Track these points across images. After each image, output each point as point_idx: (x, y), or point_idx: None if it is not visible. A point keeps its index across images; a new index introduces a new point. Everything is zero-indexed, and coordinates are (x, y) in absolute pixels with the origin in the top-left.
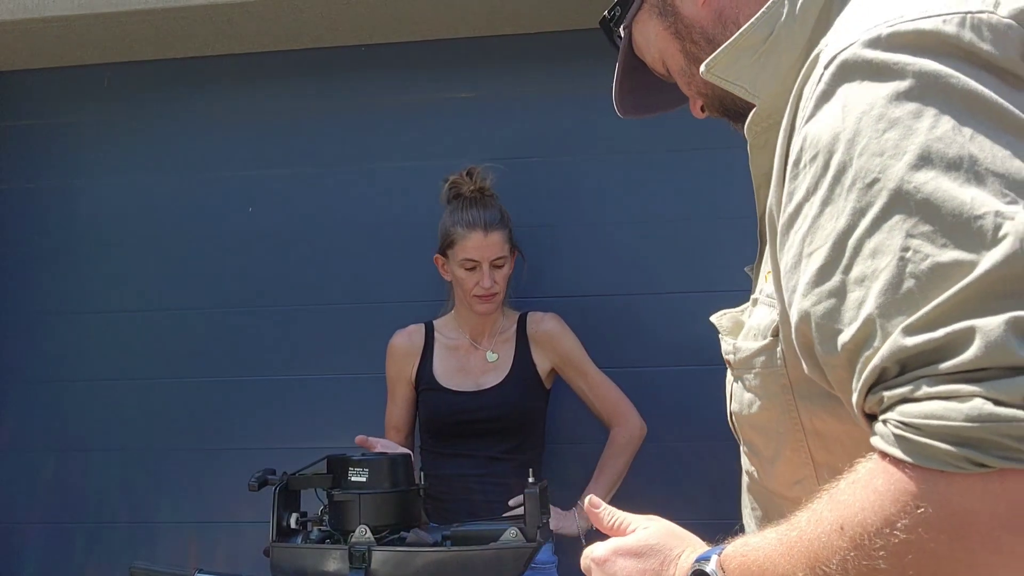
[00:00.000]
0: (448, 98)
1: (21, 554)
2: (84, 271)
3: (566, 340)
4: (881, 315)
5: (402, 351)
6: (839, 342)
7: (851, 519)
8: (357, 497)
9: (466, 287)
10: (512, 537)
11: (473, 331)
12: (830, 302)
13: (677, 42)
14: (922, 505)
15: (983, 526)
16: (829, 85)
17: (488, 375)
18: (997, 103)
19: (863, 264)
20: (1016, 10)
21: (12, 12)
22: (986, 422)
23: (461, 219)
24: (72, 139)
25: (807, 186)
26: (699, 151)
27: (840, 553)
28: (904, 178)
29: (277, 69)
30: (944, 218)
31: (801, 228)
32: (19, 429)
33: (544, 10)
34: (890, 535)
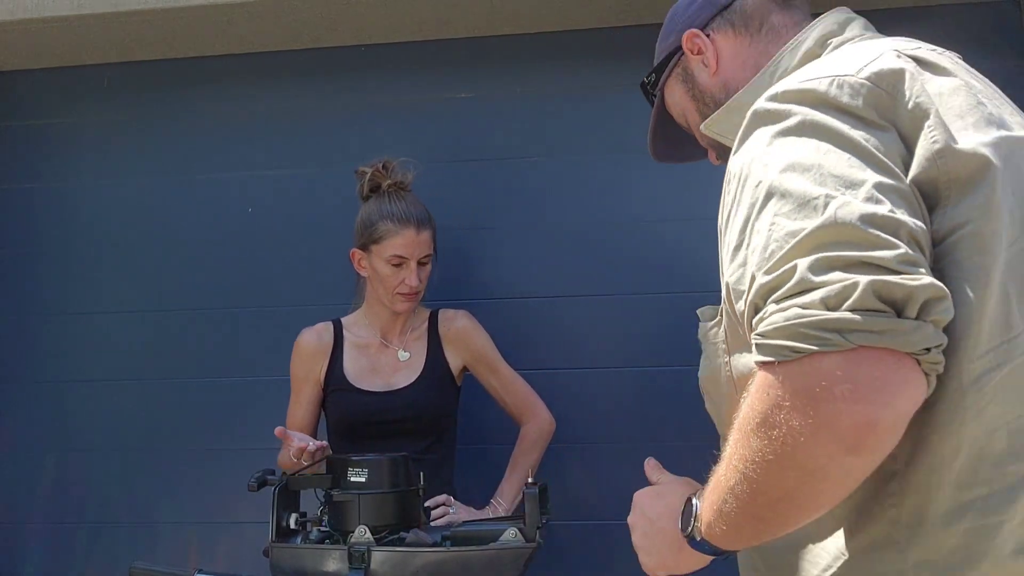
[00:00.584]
0: (448, 98)
1: (21, 554)
2: (84, 271)
3: (478, 337)
4: (755, 271)
5: (311, 350)
6: (742, 299)
7: (741, 419)
8: (356, 497)
9: (389, 284)
10: (512, 537)
11: (384, 329)
12: (739, 272)
13: (694, 103)
14: (766, 388)
15: (794, 397)
16: (745, 128)
17: (400, 374)
18: (846, 134)
19: (751, 240)
20: (871, 73)
21: (12, 12)
22: (794, 320)
23: (391, 214)
24: (72, 139)
25: (730, 199)
26: None
27: (739, 449)
28: (774, 178)
29: (277, 69)
30: (795, 201)
31: (729, 227)
32: (19, 429)
33: (544, 10)
34: (747, 423)
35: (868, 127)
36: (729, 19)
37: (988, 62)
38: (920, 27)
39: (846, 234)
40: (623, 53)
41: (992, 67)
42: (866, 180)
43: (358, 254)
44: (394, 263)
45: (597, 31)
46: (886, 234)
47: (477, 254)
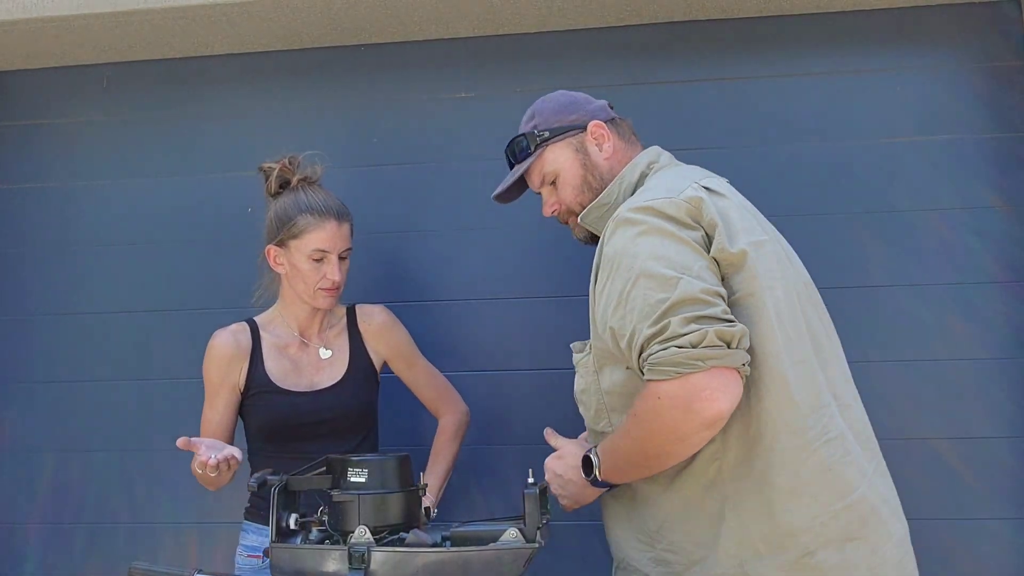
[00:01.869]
0: (448, 98)
1: (21, 554)
2: (84, 271)
3: (398, 332)
4: (637, 323)
5: (228, 353)
6: (625, 339)
7: (638, 406)
8: (356, 498)
9: (310, 280)
10: (512, 538)
11: (302, 327)
12: (620, 321)
13: (582, 171)
14: (658, 394)
15: (677, 399)
16: (613, 227)
17: (323, 373)
18: (676, 234)
19: (629, 302)
20: (687, 196)
21: (12, 12)
22: (676, 354)
23: (310, 207)
24: (72, 139)
25: (606, 274)
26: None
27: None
28: (640, 265)
29: (277, 69)
30: (656, 280)
31: (606, 290)
32: (19, 429)
33: (544, 10)
34: (644, 414)
35: (688, 229)
36: (617, 126)
37: (988, 62)
38: (920, 27)
39: (691, 300)
40: (623, 53)
41: (992, 67)
42: (694, 264)
43: (274, 251)
44: (315, 258)
45: (597, 31)
46: (711, 297)
47: (477, 254)
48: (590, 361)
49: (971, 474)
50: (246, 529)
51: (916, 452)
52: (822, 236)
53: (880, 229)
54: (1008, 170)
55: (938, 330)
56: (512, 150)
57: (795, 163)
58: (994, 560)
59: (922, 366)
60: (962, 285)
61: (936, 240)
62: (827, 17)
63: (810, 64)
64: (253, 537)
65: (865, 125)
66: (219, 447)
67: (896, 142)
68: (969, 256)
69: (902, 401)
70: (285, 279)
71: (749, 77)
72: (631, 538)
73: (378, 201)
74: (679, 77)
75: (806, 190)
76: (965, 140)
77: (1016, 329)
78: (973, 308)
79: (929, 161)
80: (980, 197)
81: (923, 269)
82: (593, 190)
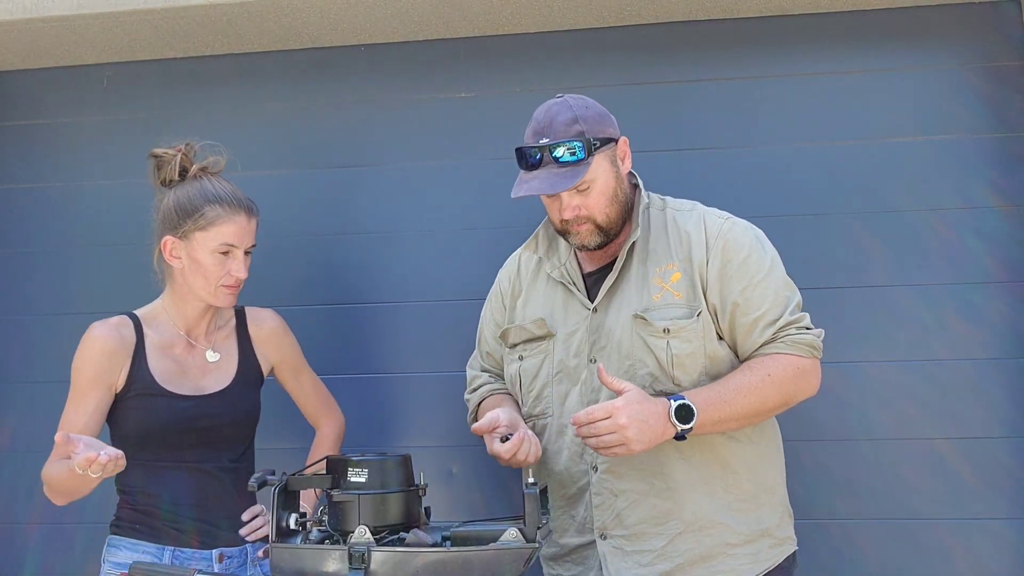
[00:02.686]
0: (448, 98)
1: (21, 554)
2: (84, 271)
3: (288, 338)
4: (772, 308)
5: (109, 348)
6: (751, 316)
7: (774, 371)
8: (356, 498)
9: (213, 275)
10: (512, 538)
11: (190, 327)
12: (750, 301)
13: (614, 183)
14: (798, 365)
15: (810, 370)
16: (720, 223)
17: (210, 376)
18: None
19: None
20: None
21: (12, 12)
22: (812, 341)
23: (219, 198)
24: (72, 139)
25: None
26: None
27: (753, 387)
28: (771, 262)
29: (277, 69)
30: (786, 281)
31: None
32: (19, 429)
33: (544, 10)
34: (784, 375)
35: None
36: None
37: (988, 62)
38: (920, 27)
39: (801, 305)
40: (623, 53)
41: (992, 67)
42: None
43: (171, 242)
44: (222, 251)
45: (597, 31)
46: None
47: (477, 253)
48: (699, 328)
49: (971, 474)
50: (116, 545)
51: (916, 452)
52: (822, 236)
53: (880, 229)
54: (1008, 170)
55: (938, 330)
56: (562, 153)
57: (795, 163)
58: (994, 560)
59: (922, 366)
60: (962, 285)
61: (936, 240)
62: (827, 17)
63: (810, 64)
64: (126, 553)
65: (865, 125)
66: (99, 446)
67: (896, 142)
68: (969, 256)
69: (902, 401)
70: (179, 273)
71: (749, 77)
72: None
73: (378, 201)
74: (679, 77)
75: (806, 190)
76: (965, 140)
77: (1016, 329)
78: (973, 308)
79: (929, 161)
80: (980, 197)
81: (923, 269)
82: (619, 203)
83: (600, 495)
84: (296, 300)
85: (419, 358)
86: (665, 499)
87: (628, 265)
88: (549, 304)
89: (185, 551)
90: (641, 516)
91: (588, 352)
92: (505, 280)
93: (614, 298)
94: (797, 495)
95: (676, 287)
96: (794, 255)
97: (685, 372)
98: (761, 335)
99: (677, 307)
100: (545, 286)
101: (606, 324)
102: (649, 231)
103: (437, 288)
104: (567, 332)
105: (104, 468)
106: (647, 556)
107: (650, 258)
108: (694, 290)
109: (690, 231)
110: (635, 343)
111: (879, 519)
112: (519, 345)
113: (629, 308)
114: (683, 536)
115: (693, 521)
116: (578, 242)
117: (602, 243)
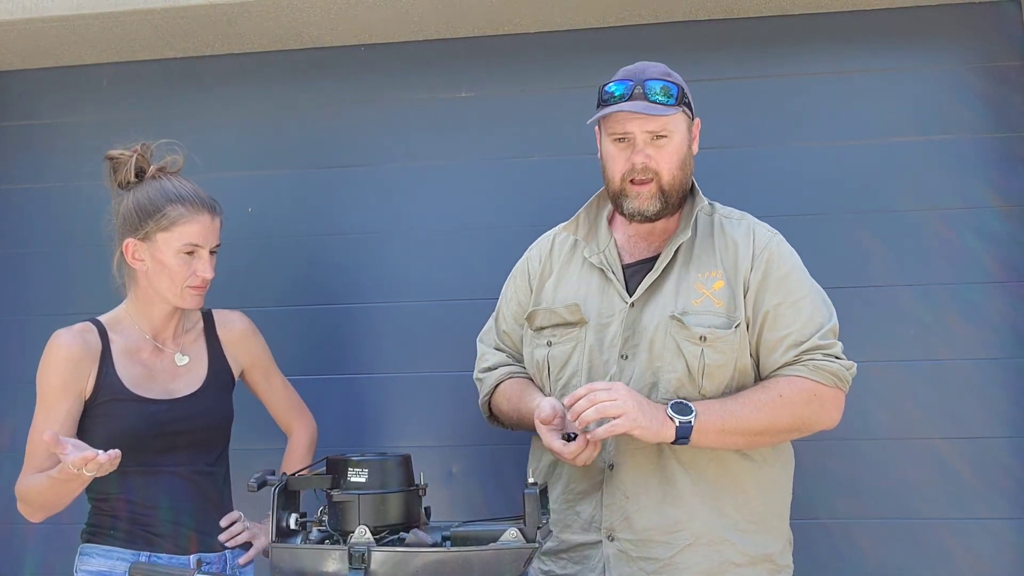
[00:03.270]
0: (448, 98)
1: (21, 554)
2: (84, 271)
3: (258, 341)
4: (804, 328)
5: (75, 356)
6: (779, 333)
7: (788, 392)
8: (356, 498)
9: (178, 276)
10: (512, 538)
11: (156, 330)
12: (781, 319)
13: (686, 151)
14: (815, 392)
15: (829, 400)
16: (768, 236)
17: (180, 380)
18: None
19: (797, 308)
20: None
21: (12, 12)
22: (838, 370)
23: (181, 197)
24: (72, 139)
25: (771, 272)
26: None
27: (763, 404)
28: (811, 284)
29: (277, 69)
30: (824, 303)
31: (771, 286)
32: (19, 429)
33: (544, 10)
34: (798, 399)
35: None
36: None
37: (988, 62)
38: (920, 27)
39: (836, 332)
40: (623, 53)
41: (992, 67)
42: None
43: (133, 245)
44: (187, 251)
45: (597, 31)
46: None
47: (478, 254)
48: (735, 340)
49: (971, 474)
50: (89, 553)
51: (916, 452)
52: (822, 236)
53: (880, 229)
54: (1008, 170)
55: (938, 330)
56: (657, 91)
57: (795, 163)
58: (994, 560)
59: (922, 366)
60: (962, 285)
61: (936, 240)
62: (827, 17)
63: (810, 64)
64: (100, 561)
65: (865, 125)
66: (85, 447)
67: (896, 142)
68: (969, 256)
69: (902, 401)
70: (142, 276)
71: (749, 77)
72: (732, 522)
73: (378, 201)
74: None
75: (806, 190)
76: (965, 140)
77: (1016, 329)
78: (973, 308)
79: (929, 161)
80: (980, 197)
81: (923, 269)
82: (684, 175)
83: (612, 495)
84: (296, 300)
85: (420, 358)
86: (677, 508)
87: (672, 265)
88: (584, 290)
89: (161, 556)
90: (651, 522)
91: (621, 347)
92: (535, 259)
93: (653, 295)
94: (797, 495)
95: (718, 295)
96: None
97: (713, 383)
98: (784, 355)
99: (716, 315)
100: (580, 271)
101: (642, 321)
102: (696, 235)
103: (438, 288)
104: (600, 323)
105: (101, 467)
106: (652, 564)
107: (694, 262)
108: (735, 301)
109: (738, 240)
110: (667, 345)
111: (879, 519)
112: (547, 329)
113: (667, 308)
114: (692, 548)
115: (703, 535)
116: (635, 206)
117: (659, 212)
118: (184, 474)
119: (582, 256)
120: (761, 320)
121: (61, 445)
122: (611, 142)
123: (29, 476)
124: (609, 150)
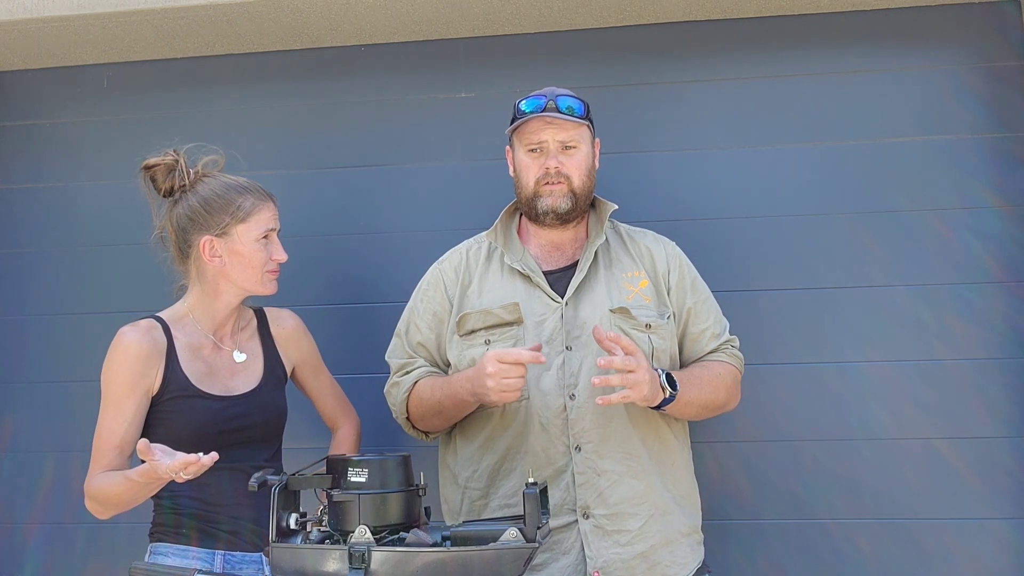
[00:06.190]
0: (448, 98)
1: (21, 554)
2: (84, 271)
3: (308, 339)
4: (721, 329)
5: (144, 353)
6: (704, 324)
7: (723, 373)
8: (356, 497)
9: (258, 264)
10: (512, 538)
11: (217, 327)
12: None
13: (591, 162)
14: (736, 375)
15: (738, 383)
16: (675, 250)
17: (238, 378)
18: None
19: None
20: None
21: (12, 12)
22: (740, 356)
23: (247, 189)
24: (72, 139)
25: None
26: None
27: (708, 380)
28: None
29: (277, 69)
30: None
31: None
32: (19, 429)
33: (544, 10)
34: (728, 381)
35: None
36: None
37: (988, 62)
38: (920, 27)
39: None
40: (623, 53)
41: (992, 67)
42: None
43: (211, 243)
44: (263, 237)
45: (597, 31)
46: None
47: None
48: (670, 329)
49: (971, 474)
50: (163, 552)
51: (916, 452)
52: (822, 236)
53: (880, 229)
54: (1008, 170)
55: (938, 330)
56: (567, 103)
57: (795, 163)
58: (994, 560)
59: (922, 366)
60: (962, 285)
61: (936, 240)
62: (827, 17)
63: (810, 64)
64: (176, 560)
65: (865, 125)
66: (172, 452)
67: (896, 142)
68: (969, 256)
69: (902, 401)
70: (215, 272)
71: (749, 77)
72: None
73: (378, 201)
74: (679, 77)
75: (806, 190)
76: (965, 140)
77: (1016, 329)
78: (973, 308)
79: (929, 161)
80: (980, 197)
81: (923, 269)
82: (590, 183)
83: (584, 474)
84: (297, 300)
85: None
86: (640, 480)
87: (595, 267)
88: (510, 293)
89: (236, 555)
90: (622, 495)
91: (563, 340)
92: (450, 271)
93: (585, 294)
94: (797, 495)
95: (646, 292)
96: (794, 255)
97: (660, 367)
98: (708, 344)
99: (649, 309)
100: (501, 277)
101: (579, 316)
102: (608, 243)
103: None
104: (535, 320)
105: (201, 470)
106: (625, 536)
107: (615, 265)
108: (660, 297)
109: (650, 247)
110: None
111: (879, 519)
112: (480, 331)
113: (604, 304)
114: (654, 519)
115: (659, 505)
116: (549, 203)
117: (569, 211)
118: (246, 470)
119: (501, 263)
120: (685, 315)
121: (151, 452)
122: (525, 153)
123: (100, 475)
124: (523, 160)
